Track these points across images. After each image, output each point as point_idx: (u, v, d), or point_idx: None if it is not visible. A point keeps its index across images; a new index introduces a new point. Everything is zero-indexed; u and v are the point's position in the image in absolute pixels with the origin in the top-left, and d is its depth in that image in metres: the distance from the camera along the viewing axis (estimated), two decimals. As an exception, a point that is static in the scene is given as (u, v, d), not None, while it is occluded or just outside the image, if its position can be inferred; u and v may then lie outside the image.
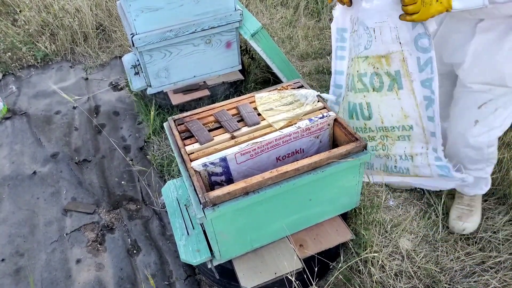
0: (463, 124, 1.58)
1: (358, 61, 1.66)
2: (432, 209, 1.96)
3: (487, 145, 1.61)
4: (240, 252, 1.46)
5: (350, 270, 1.69)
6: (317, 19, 3.63)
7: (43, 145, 2.61)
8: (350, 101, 1.81)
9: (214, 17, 2.35)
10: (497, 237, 1.79)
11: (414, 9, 1.26)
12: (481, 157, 1.65)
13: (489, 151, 1.63)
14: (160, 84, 2.53)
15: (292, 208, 1.42)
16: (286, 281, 1.45)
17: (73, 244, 2.00)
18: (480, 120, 1.52)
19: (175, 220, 1.57)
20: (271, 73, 2.81)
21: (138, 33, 2.23)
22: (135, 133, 2.67)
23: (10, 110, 2.94)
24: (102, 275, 1.85)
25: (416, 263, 1.72)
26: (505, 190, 1.98)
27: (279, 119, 1.49)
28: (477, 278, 1.66)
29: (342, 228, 1.58)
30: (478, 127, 1.54)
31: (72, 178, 2.36)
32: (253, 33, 2.41)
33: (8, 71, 3.34)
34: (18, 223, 2.11)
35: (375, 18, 1.49)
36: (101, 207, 2.18)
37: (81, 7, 3.55)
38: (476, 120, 1.52)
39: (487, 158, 1.67)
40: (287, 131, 1.44)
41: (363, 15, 1.53)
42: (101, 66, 3.39)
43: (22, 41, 3.48)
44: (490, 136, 1.58)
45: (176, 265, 1.88)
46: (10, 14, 3.85)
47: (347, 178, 1.44)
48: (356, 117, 1.82)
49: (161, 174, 2.33)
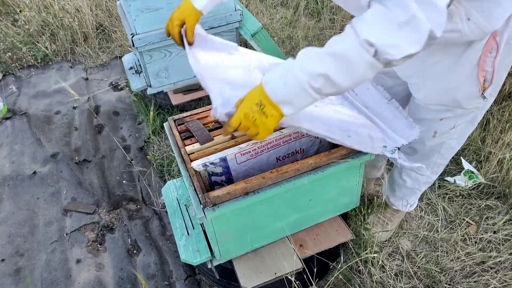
0: (423, 131, 1.47)
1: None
2: (432, 209, 1.96)
3: (438, 156, 1.55)
4: (240, 252, 1.46)
5: (350, 270, 1.69)
6: (317, 19, 3.63)
7: (43, 145, 2.61)
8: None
9: (214, 17, 2.34)
10: (497, 237, 1.79)
11: (252, 132, 1.04)
12: (426, 166, 1.52)
13: (437, 161, 1.55)
14: (160, 84, 2.53)
15: (292, 208, 1.42)
16: (286, 281, 1.45)
17: (73, 244, 2.00)
18: (438, 133, 1.45)
19: (175, 220, 1.57)
20: (271, 73, 2.80)
21: (138, 33, 2.23)
22: (135, 133, 2.67)
23: (10, 110, 2.94)
24: (102, 275, 1.85)
25: (416, 263, 1.72)
26: (505, 190, 1.98)
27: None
28: (477, 278, 1.66)
29: (342, 228, 1.58)
30: (437, 139, 1.47)
31: (72, 178, 2.36)
32: (253, 33, 2.41)
33: (8, 71, 3.34)
34: (18, 223, 2.11)
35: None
36: (101, 207, 2.18)
37: (81, 7, 3.55)
38: (435, 132, 1.45)
39: (431, 170, 1.60)
40: (287, 131, 1.44)
41: None
42: (101, 66, 3.39)
43: (22, 41, 3.48)
44: (444, 149, 1.51)
45: (176, 265, 1.88)
46: (10, 14, 3.85)
47: (347, 178, 1.44)
48: None
49: (161, 174, 2.33)
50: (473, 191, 2.02)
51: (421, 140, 1.49)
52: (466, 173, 2.06)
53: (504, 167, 2.01)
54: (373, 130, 1.32)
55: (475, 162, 2.14)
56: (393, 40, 0.82)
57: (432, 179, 1.69)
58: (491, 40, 1.15)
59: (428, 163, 1.57)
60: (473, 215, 1.92)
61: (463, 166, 2.09)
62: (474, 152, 2.20)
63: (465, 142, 2.21)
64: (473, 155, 2.19)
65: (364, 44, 0.83)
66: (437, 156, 1.54)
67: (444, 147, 1.49)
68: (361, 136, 1.28)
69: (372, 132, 1.31)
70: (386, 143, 1.30)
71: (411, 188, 1.71)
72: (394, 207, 1.85)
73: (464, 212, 1.93)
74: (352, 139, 1.26)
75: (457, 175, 2.09)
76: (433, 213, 1.95)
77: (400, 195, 1.78)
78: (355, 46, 0.84)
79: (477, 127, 2.23)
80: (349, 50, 0.86)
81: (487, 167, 2.07)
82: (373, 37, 0.82)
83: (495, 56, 1.17)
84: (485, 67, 1.20)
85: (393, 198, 1.82)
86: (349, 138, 1.26)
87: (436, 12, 0.81)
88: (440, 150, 1.50)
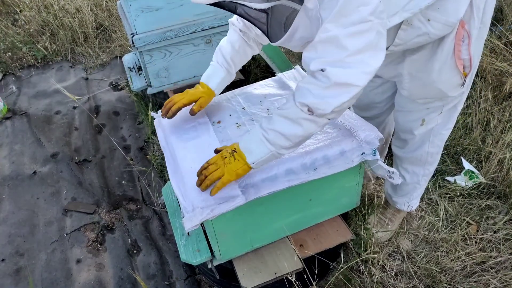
0: (409, 120, 1.53)
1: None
2: (432, 209, 1.96)
3: (429, 144, 1.58)
4: (240, 252, 1.46)
5: (350, 270, 1.69)
6: (317, 19, 3.62)
7: (43, 145, 2.61)
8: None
9: (214, 17, 2.34)
10: (498, 237, 1.79)
11: (218, 173, 1.16)
12: (420, 156, 1.62)
13: (429, 150, 1.59)
14: (160, 84, 2.53)
15: (292, 208, 1.42)
16: (286, 281, 1.45)
17: (73, 244, 2.00)
18: (426, 121, 1.49)
19: (175, 220, 1.57)
20: (271, 73, 2.81)
21: (138, 33, 2.23)
22: (135, 133, 2.67)
23: (10, 110, 2.94)
24: (102, 275, 1.85)
25: (417, 263, 1.72)
26: (505, 190, 1.98)
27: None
28: (477, 278, 1.66)
29: (342, 228, 1.57)
30: (424, 127, 1.51)
31: (72, 178, 2.36)
32: (253, 33, 2.40)
33: (8, 71, 3.34)
34: (18, 223, 2.11)
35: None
36: (101, 207, 2.18)
37: (81, 7, 3.55)
38: (423, 120, 1.49)
39: (425, 160, 1.62)
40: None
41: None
42: (101, 66, 3.39)
43: (22, 41, 3.48)
44: (433, 136, 1.55)
45: (176, 265, 1.88)
46: (10, 14, 3.85)
47: (347, 178, 1.44)
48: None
49: (161, 174, 2.33)
50: (473, 191, 2.02)
51: (410, 130, 1.54)
52: (467, 173, 2.06)
53: (505, 167, 2.01)
54: (343, 143, 1.32)
55: (475, 162, 2.14)
56: (320, 100, 1.01)
57: (429, 171, 1.70)
58: (460, 29, 1.19)
59: (421, 153, 1.60)
60: (474, 215, 1.92)
61: (464, 166, 2.09)
62: (474, 152, 2.20)
63: (465, 142, 2.21)
64: (474, 155, 2.19)
65: (299, 105, 1.05)
66: (428, 145, 1.57)
67: (433, 134, 1.53)
68: (330, 160, 1.29)
69: (343, 146, 1.31)
70: (362, 149, 1.31)
71: (411, 184, 1.73)
72: (396, 207, 1.85)
73: (465, 212, 1.93)
74: (319, 170, 1.28)
75: (458, 175, 2.09)
76: (434, 213, 1.95)
77: (401, 193, 1.79)
78: (293, 107, 1.06)
79: (478, 127, 2.24)
80: (289, 110, 1.08)
81: (487, 167, 2.06)
82: (305, 99, 1.03)
83: (468, 43, 1.21)
84: (461, 56, 1.24)
85: (395, 197, 1.82)
86: (316, 171, 1.28)
87: (361, 70, 0.96)
88: (430, 137, 1.54)
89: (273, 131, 1.10)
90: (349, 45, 0.93)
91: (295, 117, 1.07)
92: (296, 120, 1.07)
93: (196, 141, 1.38)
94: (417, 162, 1.65)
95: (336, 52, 0.95)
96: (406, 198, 1.79)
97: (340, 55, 0.95)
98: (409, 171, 1.69)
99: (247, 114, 1.48)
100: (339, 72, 0.96)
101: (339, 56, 0.95)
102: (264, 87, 1.61)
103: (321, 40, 0.96)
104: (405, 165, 1.69)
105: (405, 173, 1.70)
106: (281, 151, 1.13)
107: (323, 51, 0.97)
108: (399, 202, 1.82)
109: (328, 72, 0.96)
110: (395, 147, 1.71)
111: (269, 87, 1.61)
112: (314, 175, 1.26)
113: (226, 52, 1.42)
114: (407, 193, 1.78)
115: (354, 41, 0.93)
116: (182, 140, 1.39)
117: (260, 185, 1.22)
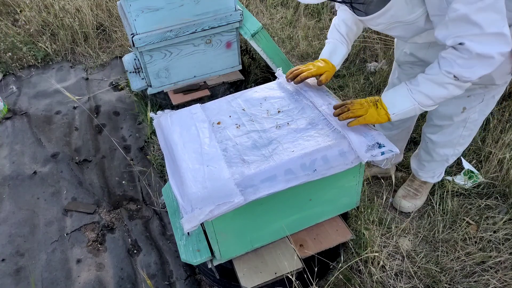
0: (450, 108, 1.63)
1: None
2: (432, 209, 1.96)
3: (463, 129, 1.70)
4: (240, 252, 1.46)
5: (350, 270, 1.69)
6: (317, 19, 3.63)
7: (43, 145, 2.61)
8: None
9: (214, 17, 2.35)
10: (497, 237, 1.79)
11: (360, 112, 1.32)
12: (453, 139, 1.73)
13: (463, 133, 1.70)
14: (160, 84, 2.53)
15: (292, 208, 1.42)
16: (287, 281, 1.45)
17: (74, 244, 2.00)
18: (467, 108, 1.59)
19: (175, 220, 1.57)
20: (271, 73, 2.81)
21: (138, 33, 2.23)
22: (135, 133, 2.67)
23: (11, 110, 2.94)
24: (103, 275, 1.86)
25: (416, 263, 1.73)
26: (505, 190, 1.98)
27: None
28: (477, 278, 1.66)
29: (342, 228, 1.58)
30: (464, 114, 1.62)
31: (73, 178, 2.36)
32: (253, 33, 2.41)
33: (8, 71, 3.34)
34: (18, 223, 2.11)
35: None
36: (102, 207, 2.18)
37: (81, 7, 3.55)
38: (464, 107, 1.59)
39: (457, 142, 1.74)
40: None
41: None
42: (102, 66, 3.39)
43: (23, 41, 3.48)
44: (469, 122, 1.67)
45: (176, 265, 1.88)
46: (11, 14, 3.86)
47: (347, 178, 1.44)
48: None
49: (161, 174, 2.33)
50: (473, 191, 2.02)
51: (449, 117, 1.66)
52: (466, 172, 2.06)
53: (504, 167, 2.01)
54: (343, 143, 1.30)
55: (475, 162, 2.14)
56: (467, 69, 1.14)
57: (459, 151, 1.81)
58: None
59: (454, 137, 1.72)
60: (473, 214, 1.92)
61: (463, 166, 2.09)
62: (474, 152, 2.20)
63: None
64: (473, 155, 2.19)
65: (445, 73, 1.18)
66: (462, 130, 1.70)
67: (469, 121, 1.65)
68: (329, 160, 1.28)
69: (343, 146, 1.29)
70: (374, 140, 1.30)
71: (439, 161, 1.86)
72: (422, 179, 1.97)
73: (464, 212, 1.93)
74: (319, 171, 1.26)
75: (457, 175, 2.09)
76: (433, 213, 1.95)
77: (429, 168, 1.92)
78: (439, 73, 1.20)
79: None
80: (436, 76, 1.21)
81: (487, 167, 2.07)
82: (451, 69, 1.17)
83: None
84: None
85: (422, 172, 1.95)
86: (316, 172, 1.26)
87: (500, 39, 1.08)
88: (466, 124, 1.67)
89: (419, 92, 1.25)
90: (479, 19, 1.05)
91: (441, 82, 1.20)
92: (442, 84, 1.21)
93: (196, 141, 1.38)
94: (449, 144, 1.76)
95: (468, 28, 1.08)
96: (431, 173, 1.92)
97: (474, 30, 1.07)
98: (440, 153, 1.81)
99: (246, 115, 1.48)
100: (477, 45, 1.08)
101: (472, 31, 1.08)
102: (265, 90, 1.61)
103: (451, 19, 1.10)
104: (437, 148, 1.79)
105: (435, 154, 1.82)
106: (422, 108, 1.27)
107: (455, 28, 1.11)
108: (425, 176, 1.94)
109: (467, 46, 1.09)
110: (428, 133, 1.80)
111: (270, 90, 1.61)
112: (313, 176, 1.27)
113: (342, 29, 1.53)
114: (434, 169, 1.90)
115: (483, 15, 1.05)
116: (182, 141, 1.40)
117: (260, 186, 1.22)
